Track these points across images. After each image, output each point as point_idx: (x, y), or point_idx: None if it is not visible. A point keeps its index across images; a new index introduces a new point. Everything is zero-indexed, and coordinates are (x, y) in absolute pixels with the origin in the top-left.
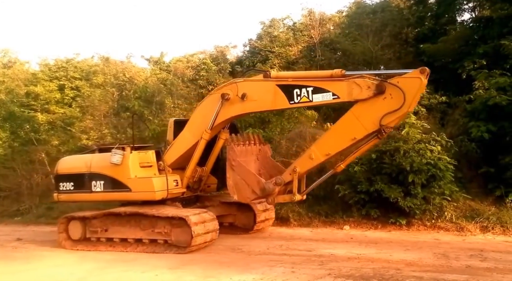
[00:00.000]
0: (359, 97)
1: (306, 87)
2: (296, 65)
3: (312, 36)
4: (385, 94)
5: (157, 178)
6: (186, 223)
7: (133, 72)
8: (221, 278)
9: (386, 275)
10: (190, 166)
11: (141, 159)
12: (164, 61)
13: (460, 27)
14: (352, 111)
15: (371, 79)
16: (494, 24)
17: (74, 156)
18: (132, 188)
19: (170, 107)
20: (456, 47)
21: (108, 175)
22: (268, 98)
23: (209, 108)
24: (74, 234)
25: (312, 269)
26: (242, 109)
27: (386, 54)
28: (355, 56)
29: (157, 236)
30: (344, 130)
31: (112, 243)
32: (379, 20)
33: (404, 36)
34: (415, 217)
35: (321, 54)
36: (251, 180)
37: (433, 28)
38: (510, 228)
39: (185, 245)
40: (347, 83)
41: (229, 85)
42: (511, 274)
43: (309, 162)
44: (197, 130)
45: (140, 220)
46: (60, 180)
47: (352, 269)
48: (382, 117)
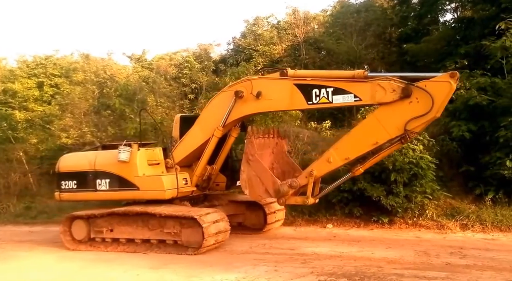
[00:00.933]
0: (383, 100)
1: (326, 87)
2: (280, 63)
3: (296, 34)
4: (411, 98)
5: (167, 176)
6: (197, 223)
7: (114, 69)
8: (204, 277)
9: (368, 273)
10: (201, 164)
11: (149, 156)
12: (146, 59)
13: (442, 28)
14: (375, 114)
15: (396, 81)
16: (476, 25)
17: (76, 153)
18: (140, 186)
19: (153, 105)
20: (439, 47)
21: (114, 173)
22: (284, 98)
23: (221, 105)
24: (78, 234)
25: (294, 268)
26: (256, 108)
27: (370, 54)
28: (339, 55)
29: (166, 236)
30: (366, 134)
31: (118, 243)
32: (363, 20)
33: (387, 36)
34: (397, 215)
35: (306, 53)
36: (266, 179)
37: (416, 28)
38: (489, 225)
39: (196, 245)
40: (371, 85)
41: (243, 82)
42: (489, 271)
43: (327, 165)
44: (208, 127)
45: (148, 219)
46: (62, 178)
47: (334, 267)
48: (408, 122)
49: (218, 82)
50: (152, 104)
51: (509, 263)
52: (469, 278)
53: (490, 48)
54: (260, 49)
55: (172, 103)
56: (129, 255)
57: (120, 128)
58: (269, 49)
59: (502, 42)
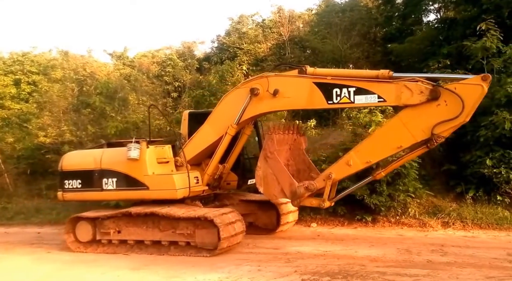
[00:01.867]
0: (409, 102)
1: (347, 87)
2: (265, 62)
3: (281, 33)
4: (439, 101)
5: (178, 175)
6: (212, 224)
7: (95, 67)
8: (186, 277)
9: (351, 271)
10: (213, 163)
11: (158, 154)
12: (127, 56)
13: (426, 28)
14: (400, 117)
15: (424, 83)
16: (458, 25)
17: (81, 151)
18: (150, 186)
19: (134, 104)
20: (422, 47)
21: (122, 172)
22: (303, 96)
23: (235, 102)
24: (83, 235)
25: (278, 267)
26: (272, 106)
27: (355, 53)
28: (324, 54)
29: (178, 238)
30: (389, 137)
31: (125, 245)
32: (348, 19)
33: (372, 36)
34: (380, 214)
35: (291, 52)
36: (283, 179)
37: (401, 28)
38: (469, 223)
39: (211, 247)
40: (396, 85)
41: (259, 79)
42: (469, 268)
43: (346, 169)
44: (220, 125)
45: (159, 220)
46: (65, 177)
47: (318, 266)
48: (435, 126)
49: (202, 80)
50: (133, 102)
51: (488, 260)
52: (449, 275)
53: (471, 49)
54: (245, 47)
55: (155, 101)
56: (109, 256)
57: (100, 126)
58: (254, 48)
59: (482, 43)
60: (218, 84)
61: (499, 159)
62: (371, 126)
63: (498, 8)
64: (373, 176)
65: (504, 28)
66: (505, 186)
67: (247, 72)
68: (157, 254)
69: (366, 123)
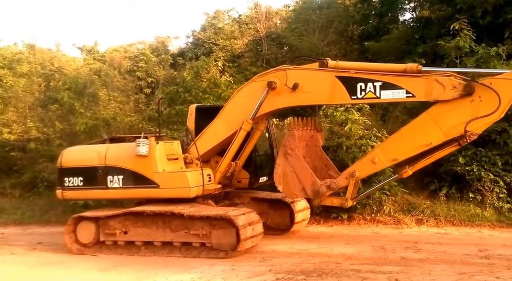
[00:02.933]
0: (441, 97)
1: (373, 81)
2: (241, 58)
3: (258, 29)
4: (473, 96)
5: (191, 172)
6: (231, 225)
7: (63, 61)
8: (157, 278)
9: (326, 269)
10: (226, 160)
11: (168, 150)
12: (98, 51)
13: (402, 27)
14: (430, 113)
15: (457, 78)
16: (433, 25)
17: (82, 147)
18: (161, 184)
19: (105, 100)
20: (398, 45)
21: (129, 169)
22: (324, 91)
23: (250, 96)
24: (84, 237)
25: (253, 266)
26: (291, 101)
27: (332, 50)
28: (302, 51)
29: (193, 238)
30: (418, 134)
31: (132, 246)
32: (325, 16)
33: (349, 33)
34: (356, 211)
35: (267, 49)
36: (305, 177)
37: (377, 26)
38: (442, 220)
39: (228, 248)
40: (426, 80)
41: (277, 72)
42: (442, 264)
43: (371, 166)
44: (234, 120)
45: (170, 220)
46: (65, 174)
47: (293, 264)
48: (468, 122)
49: (176, 76)
50: (104, 98)
51: (460, 256)
52: (422, 271)
53: (445, 48)
54: (221, 43)
55: (127, 98)
56: (77, 257)
57: (69, 123)
58: (230, 44)
59: (456, 42)
60: (193, 80)
61: (471, 157)
62: (347, 124)
63: (471, 8)
64: (399, 174)
65: (477, 28)
66: (476, 184)
67: (223, 69)
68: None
69: (342, 121)
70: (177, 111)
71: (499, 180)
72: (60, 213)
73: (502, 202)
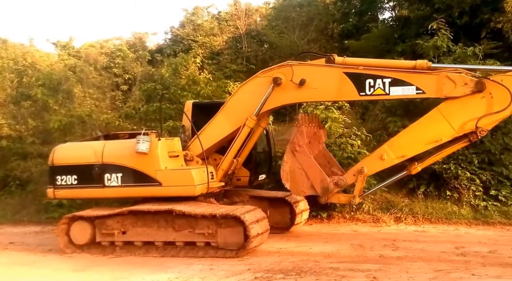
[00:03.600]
0: (452, 94)
1: (382, 77)
2: (221, 56)
3: (238, 26)
4: (483, 93)
5: (196, 169)
6: (238, 223)
7: (36, 56)
8: (133, 279)
9: (305, 267)
10: (228, 157)
11: (169, 147)
12: (73, 46)
13: (381, 25)
14: (440, 109)
15: (469, 74)
16: (412, 24)
17: (76, 143)
18: (163, 182)
19: (80, 97)
20: (378, 44)
21: (129, 167)
22: (332, 87)
23: (254, 92)
24: (79, 238)
25: (231, 265)
26: (297, 97)
27: (312, 48)
28: (282, 49)
29: (197, 238)
30: (427, 131)
31: (131, 247)
32: (306, 14)
33: (329, 32)
34: (335, 210)
35: (247, 46)
36: (314, 174)
37: (357, 25)
38: (420, 218)
39: (235, 247)
40: (437, 77)
41: (282, 68)
42: (419, 261)
43: (379, 163)
44: (236, 116)
45: (173, 219)
46: (57, 172)
47: (272, 263)
48: (480, 119)
49: (154, 73)
50: (79, 95)
51: (437, 254)
52: (400, 269)
53: (423, 47)
54: (200, 40)
55: (103, 94)
56: (50, 257)
57: (42, 120)
58: (210, 40)
59: (434, 42)
60: (171, 77)
61: (449, 155)
62: (327, 122)
63: (449, 8)
64: (408, 171)
65: (454, 28)
66: (454, 182)
67: (202, 66)
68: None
69: (322, 119)
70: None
71: (476, 178)
72: (33, 212)
73: (478, 200)
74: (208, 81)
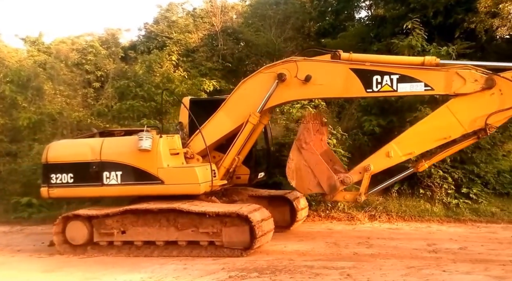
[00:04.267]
0: (461, 90)
1: (389, 74)
2: (196, 53)
3: (213, 23)
4: (493, 90)
5: (200, 167)
6: (244, 221)
7: (4, 52)
8: (104, 279)
9: (279, 266)
10: (231, 154)
11: (170, 145)
12: (43, 42)
13: (357, 24)
14: (448, 106)
15: (479, 71)
16: (387, 23)
17: (71, 141)
18: (166, 180)
19: (50, 94)
20: (354, 43)
21: (129, 164)
22: (338, 84)
23: (257, 88)
24: (75, 238)
25: (205, 265)
26: (302, 94)
27: (289, 47)
28: (258, 47)
29: (201, 237)
30: (436, 128)
31: (131, 247)
32: (282, 12)
33: (306, 30)
34: (311, 208)
35: (223, 44)
36: (321, 172)
37: (334, 23)
38: (394, 216)
39: (240, 247)
40: (446, 73)
41: (286, 64)
42: (392, 258)
43: (386, 161)
44: (238, 113)
45: (175, 218)
46: (51, 170)
47: (246, 262)
48: (490, 116)
49: (127, 70)
50: (49, 92)
51: (410, 251)
52: (373, 266)
53: (398, 47)
54: (175, 37)
55: (74, 92)
56: (19, 258)
57: (11, 118)
58: (185, 37)
59: (409, 41)
60: (145, 74)
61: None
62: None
63: (424, 8)
64: (415, 168)
65: (429, 27)
66: (426, 180)
67: (177, 63)
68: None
69: (298, 118)
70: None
71: (448, 176)
72: (1, 212)
73: (450, 198)
74: (183, 79)
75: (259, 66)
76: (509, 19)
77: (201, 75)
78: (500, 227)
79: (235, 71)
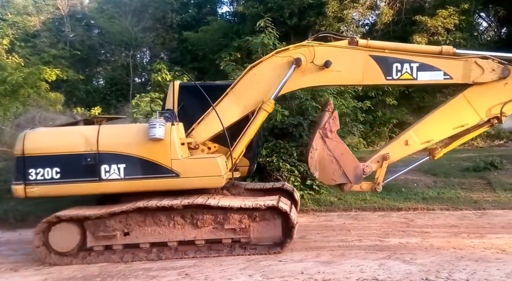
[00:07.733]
0: (480, 80)
1: (410, 62)
2: (38, 38)
3: (58, 7)
4: (507, 79)
5: (220, 158)
6: (276, 215)
7: None
8: None
9: (113, 271)
10: (241, 145)
11: (181, 134)
12: None
13: (220, 20)
14: (465, 95)
15: (495, 60)
16: (247, 21)
17: (55, 129)
18: (182, 173)
19: None
20: (216, 38)
21: (135, 156)
22: (357, 70)
23: (269, 74)
24: (62, 244)
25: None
26: (318, 81)
27: (148, 37)
28: (113, 35)
29: (226, 234)
30: (452, 116)
31: (134, 250)
32: (139, 0)
33: (168, 21)
34: None
35: (71, 29)
36: (347, 162)
37: (196, 16)
38: None
39: (270, 242)
40: (465, 63)
41: (301, 48)
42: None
43: (404, 149)
44: (248, 100)
45: (192, 214)
46: (30, 165)
47: (75, 270)
48: (505, 104)
49: None
50: None
51: None
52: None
53: (252, 43)
54: (10, 18)
55: None
56: None
57: None
58: (23, 20)
59: (261, 39)
60: None
61: (272, 148)
62: (152, 115)
63: (280, 8)
64: (432, 155)
65: (286, 27)
66: (276, 173)
67: (10, 48)
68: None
69: (148, 112)
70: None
71: (295, 169)
72: None
73: (297, 190)
74: (18, 66)
75: (116, 56)
76: (352, 24)
77: (43, 63)
78: (336, 215)
79: (86, 60)
